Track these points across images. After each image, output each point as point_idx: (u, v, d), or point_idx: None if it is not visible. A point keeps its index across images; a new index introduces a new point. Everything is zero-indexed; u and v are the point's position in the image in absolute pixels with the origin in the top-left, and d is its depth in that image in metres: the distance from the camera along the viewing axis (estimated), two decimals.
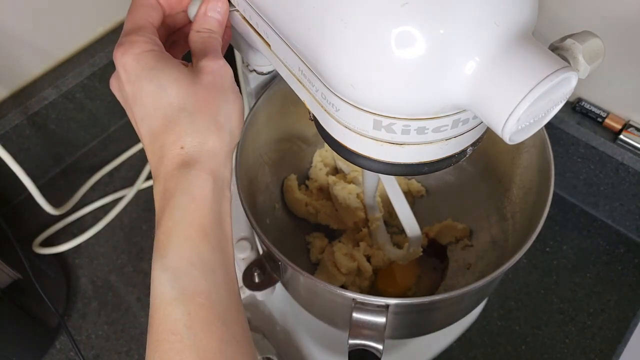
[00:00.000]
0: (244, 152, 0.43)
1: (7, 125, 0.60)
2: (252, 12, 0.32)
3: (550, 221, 0.62)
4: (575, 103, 0.57)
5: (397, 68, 0.24)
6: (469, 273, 0.50)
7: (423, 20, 0.23)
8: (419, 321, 0.42)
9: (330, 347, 0.52)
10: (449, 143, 0.29)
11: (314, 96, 0.30)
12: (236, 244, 0.46)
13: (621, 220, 0.61)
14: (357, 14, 0.24)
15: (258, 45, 0.34)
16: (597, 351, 0.54)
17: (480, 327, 0.56)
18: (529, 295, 0.57)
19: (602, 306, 0.57)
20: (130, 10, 0.32)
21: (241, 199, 0.39)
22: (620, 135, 0.54)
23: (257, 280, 0.44)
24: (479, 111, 0.25)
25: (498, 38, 0.24)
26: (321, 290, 0.39)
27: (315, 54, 0.27)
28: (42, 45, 0.62)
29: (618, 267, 0.59)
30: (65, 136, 0.67)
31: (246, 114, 0.43)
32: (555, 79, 0.23)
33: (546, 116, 0.26)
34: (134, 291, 0.59)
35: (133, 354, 0.55)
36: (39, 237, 0.62)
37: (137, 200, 0.66)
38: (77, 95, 0.65)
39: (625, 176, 0.56)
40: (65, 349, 0.56)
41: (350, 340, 0.36)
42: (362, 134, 0.29)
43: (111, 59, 0.63)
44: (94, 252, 0.62)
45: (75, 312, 0.58)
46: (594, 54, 0.26)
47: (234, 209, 0.48)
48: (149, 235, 0.63)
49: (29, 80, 0.63)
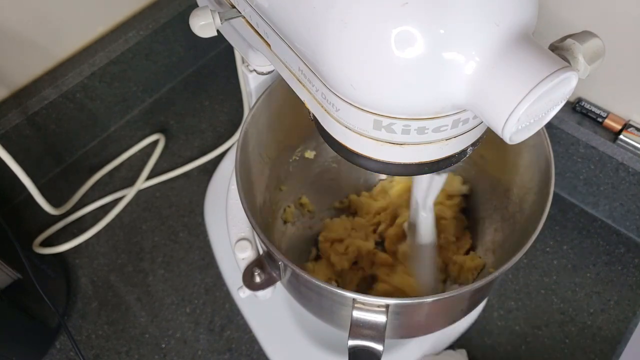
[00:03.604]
0: (244, 152, 0.42)
1: (7, 125, 0.60)
2: (252, 12, 0.32)
3: (550, 221, 0.62)
4: (575, 103, 0.57)
5: (397, 68, 0.24)
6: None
7: (423, 20, 0.23)
8: (419, 321, 0.42)
9: (330, 347, 0.52)
10: (449, 143, 0.29)
11: (314, 96, 0.30)
12: (236, 244, 0.46)
13: (621, 220, 0.61)
14: (357, 14, 0.24)
15: (258, 45, 0.34)
16: (597, 351, 0.54)
17: (480, 327, 0.56)
18: (529, 295, 0.57)
19: (602, 306, 0.57)
20: None
21: (241, 199, 0.39)
22: (620, 135, 0.54)
23: (257, 280, 0.44)
24: (479, 111, 0.25)
25: (498, 38, 0.24)
26: (321, 290, 0.39)
27: (315, 54, 0.27)
28: (42, 45, 0.62)
29: (618, 267, 0.59)
30: (65, 136, 0.67)
31: (246, 114, 0.43)
32: (555, 79, 0.23)
33: (546, 116, 0.26)
34: (134, 291, 0.59)
35: (133, 354, 0.55)
36: (39, 237, 0.62)
37: (137, 200, 0.66)
38: (77, 95, 0.65)
39: (625, 176, 0.56)
40: (65, 349, 0.56)
41: (350, 340, 0.36)
42: (362, 134, 0.29)
43: (111, 58, 0.64)
44: (94, 252, 0.62)
45: (75, 312, 0.58)
46: (594, 54, 0.26)
47: (234, 209, 0.48)
48: (149, 235, 0.63)
49: (29, 80, 0.63)
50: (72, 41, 0.65)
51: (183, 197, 0.66)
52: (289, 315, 0.54)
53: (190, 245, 0.62)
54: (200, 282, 0.59)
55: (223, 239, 0.59)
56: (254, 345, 0.55)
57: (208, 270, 0.60)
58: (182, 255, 0.61)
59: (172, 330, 0.56)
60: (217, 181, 0.65)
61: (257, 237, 0.45)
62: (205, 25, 0.33)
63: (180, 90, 0.76)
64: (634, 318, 0.56)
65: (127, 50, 0.67)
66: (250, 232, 0.47)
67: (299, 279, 0.40)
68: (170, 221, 0.64)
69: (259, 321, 0.56)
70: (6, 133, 0.60)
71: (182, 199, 0.66)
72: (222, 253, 0.60)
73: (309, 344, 0.53)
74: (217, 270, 0.60)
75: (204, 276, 0.60)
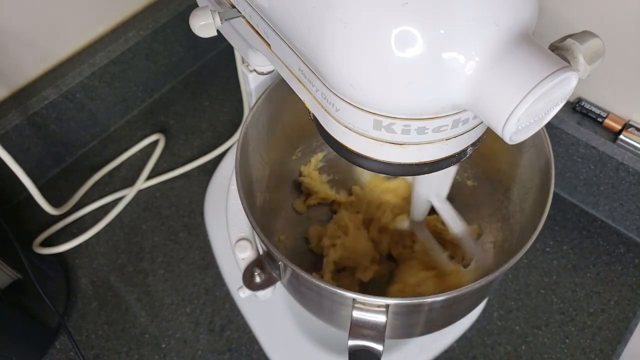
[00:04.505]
0: (244, 152, 0.43)
1: (7, 125, 0.60)
2: (252, 12, 0.32)
3: (550, 221, 0.62)
4: (575, 103, 0.57)
5: (397, 68, 0.24)
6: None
7: (423, 20, 0.23)
8: (419, 321, 0.42)
9: (330, 347, 0.52)
10: (449, 143, 0.29)
11: (314, 96, 0.30)
12: (236, 244, 0.46)
13: (621, 220, 0.61)
14: (357, 14, 0.24)
15: (258, 45, 0.34)
16: (597, 351, 0.54)
17: (480, 327, 0.56)
18: (529, 295, 0.57)
19: (602, 306, 0.57)
20: None
21: (241, 199, 0.39)
22: (620, 135, 0.54)
23: (257, 280, 0.44)
24: (479, 111, 0.25)
25: (498, 38, 0.24)
26: (321, 290, 0.39)
27: (316, 53, 0.27)
28: (42, 45, 0.62)
29: (618, 267, 0.59)
30: (65, 136, 0.67)
31: (246, 114, 0.43)
32: (555, 79, 0.23)
33: (546, 116, 0.26)
34: (134, 291, 0.59)
35: (133, 354, 0.55)
36: (39, 237, 0.62)
37: (137, 200, 0.66)
38: (77, 95, 0.65)
39: (625, 176, 0.56)
40: (65, 349, 0.56)
41: (350, 340, 0.36)
42: (362, 134, 0.29)
43: (111, 58, 0.64)
44: (94, 252, 0.62)
45: (75, 312, 0.58)
46: (594, 54, 0.26)
47: (234, 209, 0.48)
48: (149, 235, 0.63)
49: (29, 80, 0.63)
50: (72, 41, 0.65)
51: (183, 197, 0.66)
52: (289, 315, 0.54)
53: (190, 245, 0.62)
54: (200, 282, 0.59)
55: (223, 239, 0.59)
56: (254, 345, 0.55)
57: (208, 270, 0.60)
58: (182, 255, 0.61)
59: (172, 330, 0.56)
60: (217, 181, 0.65)
61: (257, 237, 0.45)
62: (205, 25, 0.33)
63: (180, 90, 0.76)
64: (634, 318, 0.56)
65: (127, 50, 0.67)
66: (250, 232, 0.47)
67: (299, 279, 0.40)
68: (170, 221, 0.64)
69: (259, 321, 0.56)
70: (6, 133, 0.60)
71: (182, 199, 0.66)
72: (222, 253, 0.60)
73: (309, 344, 0.53)
74: (217, 270, 0.60)
75: (204, 276, 0.60)
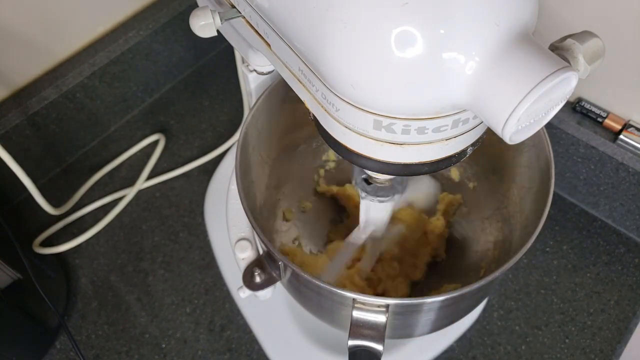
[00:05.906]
0: (244, 152, 0.43)
1: (7, 125, 0.60)
2: (252, 12, 0.32)
3: (550, 221, 0.62)
4: (575, 103, 0.57)
5: (397, 68, 0.24)
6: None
7: (423, 20, 0.23)
8: (419, 321, 0.42)
9: (330, 347, 0.52)
10: (449, 143, 0.29)
11: (314, 96, 0.30)
12: (236, 244, 0.46)
13: (621, 220, 0.61)
14: (357, 14, 0.24)
15: (258, 45, 0.34)
16: (597, 351, 0.54)
17: (480, 327, 0.56)
18: (529, 295, 0.57)
19: (602, 306, 0.57)
20: None
21: (241, 199, 0.39)
22: (620, 135, 0.54)
23: (257, 280, 0.44)
24: (479, 111, 0.25)
25: (498, 38, 0.24)
26: (321, 290, 0.39)
27: (316, 53, 0.27)
28: (42, 45, 0.62)
29: (618, 267, 0.59)
30: (65, 136, 0.67)
31: (246, 114, 0.43)
32: (555, 79, 0.23)
33: (546, 116, 0.26)
34: (134, 291, 0.59)
35: (133, 354, 0.55)
36: (39, 237, 0.62)
37: (137, 200, 0.66)
38: (77, 95, 0.65)
39: (625, 176, 0.56)
40: (65, 349, 0.56)
41: (350, 340, 0.36)
42: (363, 134, 0.29)
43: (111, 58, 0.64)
44: (94, 252, 0.62)
45: (75, 312, 0.58)
46: (594, 54, 0.26)
47: (234, 209, 0.48)
48: (149, 235, 0.63)
49: (29, 80, 0.63)
50: (72, 41, 0.65)
51: (183, 197, 0.66)
52: (289, 315, 0.54)
53: (190, 245, 0.62)
54: (200, 282, 0.59)
55: (223, 239, 0.59)
56: (254, 345, 0.55)
57: (208, 270, 0.60)
58: (182, 255, 0.61)
59: (172, 330, 0.56)
60: (217, 181, 0.65)
61: (257, 237, 0.45)
62: (205, 25, 0.33)
63: (180, 90, 0.76)
64: (634, 318, 0.56)
65: (127, 50, 0.67)
66: (250, 232, 0.47)
67: (299, 279, 0.40)
68: (170, 221, 0.64)
69: (259, 321, 0.56)
70: (6, 133, 0.60)
71: (182, 199, 0.66)
72: (222, 253, 0.60)
73: (309, 344, 0.53)
74: (217, 270, 0.60)
75: (204, 276, 0.60)
